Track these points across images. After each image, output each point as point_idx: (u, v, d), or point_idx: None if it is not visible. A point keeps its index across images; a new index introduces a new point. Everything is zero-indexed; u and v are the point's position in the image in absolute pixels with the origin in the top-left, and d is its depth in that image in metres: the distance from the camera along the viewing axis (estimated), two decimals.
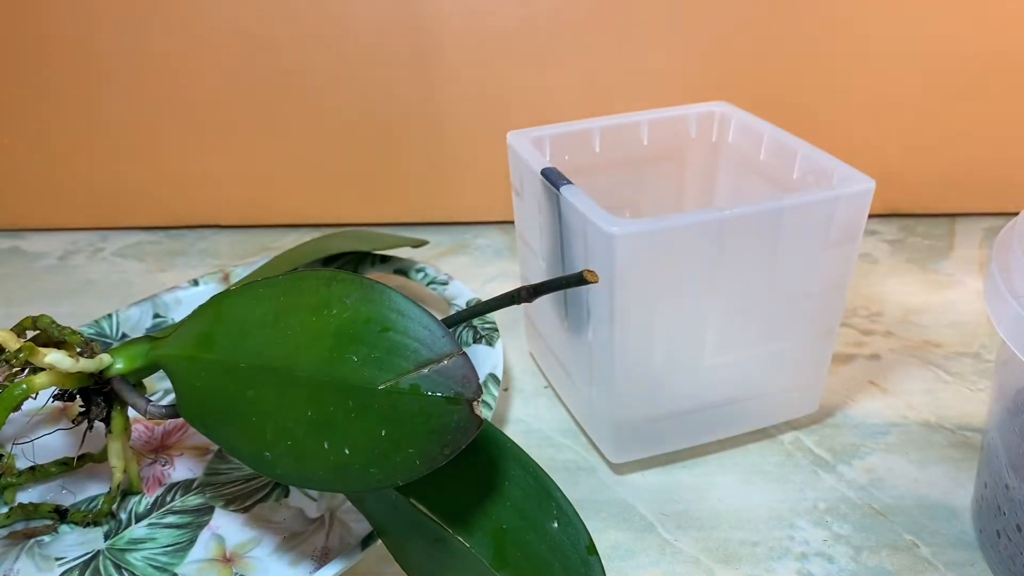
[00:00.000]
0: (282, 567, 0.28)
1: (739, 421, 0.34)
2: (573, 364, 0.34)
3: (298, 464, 0.22)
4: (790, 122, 0.36)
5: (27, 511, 0.30)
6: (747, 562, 0.29)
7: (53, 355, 0.26)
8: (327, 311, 0.23)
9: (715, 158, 0.38)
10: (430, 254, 0.51)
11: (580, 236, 0.29)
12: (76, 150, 0.52)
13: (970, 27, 0.46)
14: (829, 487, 0.32)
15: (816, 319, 0.32)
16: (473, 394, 0.21)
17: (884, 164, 0.50)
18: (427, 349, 0.22)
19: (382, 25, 0.48)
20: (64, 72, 0.50)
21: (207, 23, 0.48)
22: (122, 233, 0.55)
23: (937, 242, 0.50)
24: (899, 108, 0.49)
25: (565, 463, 0.34)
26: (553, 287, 0.26)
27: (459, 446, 0.21)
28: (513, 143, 0.34)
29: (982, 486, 0.29)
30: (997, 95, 0.48)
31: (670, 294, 0.29)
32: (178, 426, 0.35)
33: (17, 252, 0.54)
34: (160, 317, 0.40)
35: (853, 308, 0.43)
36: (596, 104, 0.49)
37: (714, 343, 0.31)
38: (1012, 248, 0.26)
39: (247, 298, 0.25)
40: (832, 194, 0.29)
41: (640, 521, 0.31)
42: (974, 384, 0.38)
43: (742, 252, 0.29)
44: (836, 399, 0.37)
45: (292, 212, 0.54)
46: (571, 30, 0.47)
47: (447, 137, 0.51)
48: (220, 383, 0.24)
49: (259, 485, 0.32)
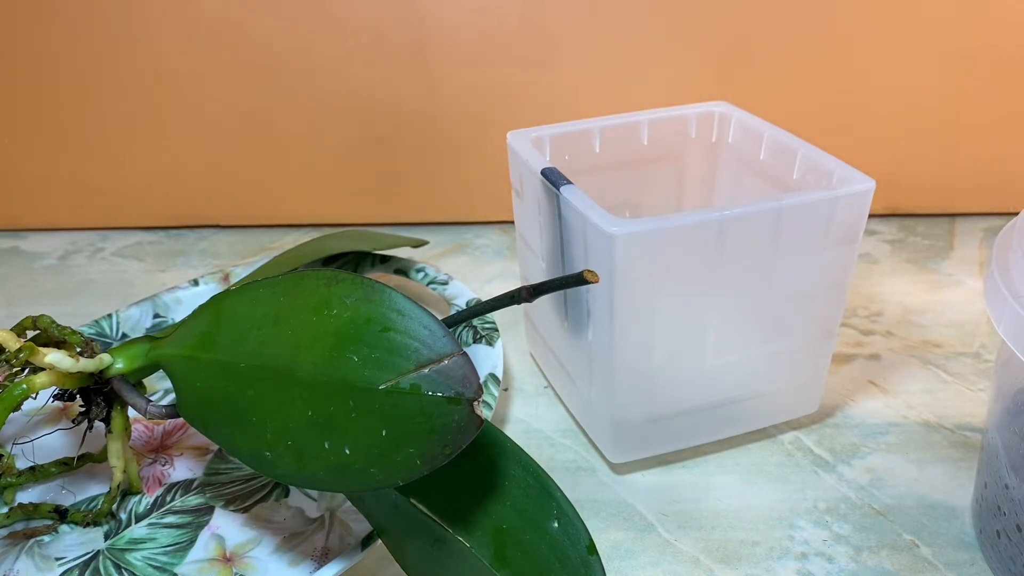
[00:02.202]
0: (282, 567, 0.28)
1: (739, 421, 0.34)
2: (573, 364, 0.34)
3: (298, 464, 0.22)
4: (790, 122, 0.36)
5: (27, 511, 0.30)
6: (747, 562, 0.29)
7: (53, 355, 0.26)
8: (327, 311, 0.23)
9: (715, 158, 0.38)
10: (430, 254, 0.51)
11: (580, 236, 0.29)
12: (76, 150, 0.52)
13: (970, 27, 0.46)
14: (829, 487, 0.32)
15: (816, 319, 0.32)
16: (474, 394, 0.21)
17: (884, 164, 0.50)
18: (428, 349, 0.22)
19: (382, 25, 0.48)
20: (64, 72, 0.50)
21: (207, 23, 0.48)
22: (122, 233, 0.55)
23: (937, 242, 0.50)
24: (899, 108, 0.49)
25: (565, 463, 0.34)
26: (554, 287, 0.26)
27: (460, 446, 0.21)
28: (513, 143, 0.34)
29: (982, 486, 0.29)
30: (997, 95, 0.48)
31: (670, 294, 0.29)
32: (178, 426, 0.35)
33: (17, 252, 0.54)
34: (160, 317, 0.40)
35: (853, 308, 0.43)
36: (596, 104, 0.49)
37: (714, 343, 0.31)
38: (1012, 248, 0.26)
39: (247, 298, 0.25)
40: (832, 194, 0.29)
41: (640, 521, 0.31)
42: (974, 384, 0.38)
43: (742, 252, 0.29)
44: (836, 399, 0.37)
45: (292, 212, 0.54)
46: (571, 30, 0.47)
47: (447, 137, 0.51)
48: (220, 383, 0.24)
49: (259, 485, 0.32)
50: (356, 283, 0.23)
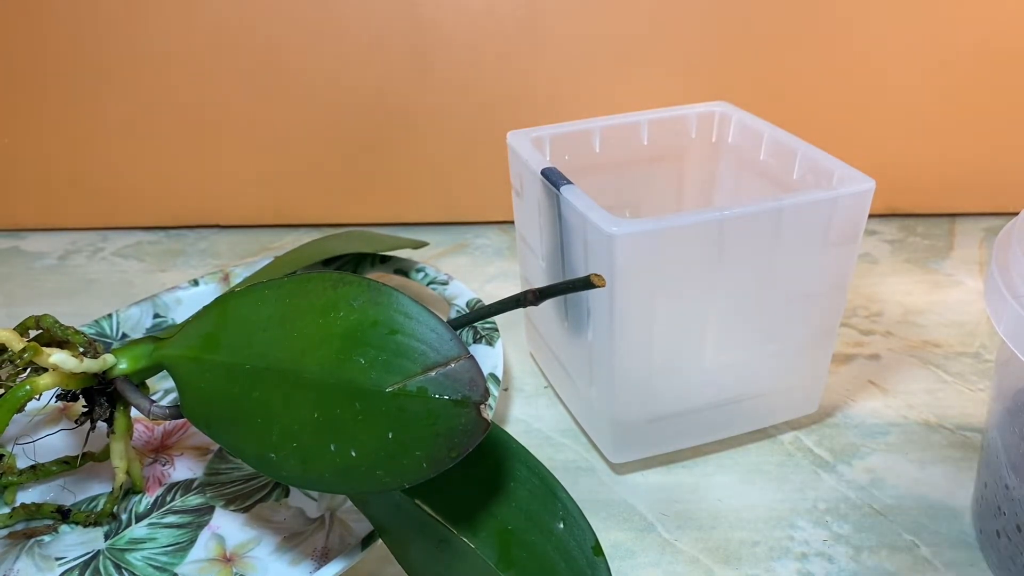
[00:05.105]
0: (282, 567, 0.28)
1: (739, 421, 0.34)
2: (573, 364, 0.34)
3: (304, 466, 0.22)
4: (790, 122, 0.36)
5: (29, 511, 0.30)
6: (747, 562, 0.29)
7: (57, 355, 0.26)
8: (334, 313, 0.23)
9: (715, 158, 0.38)
10: (430, 254, 0.51)
11: (580, 236, 0.29)
12: (76, 150, 0.52)
13: (970, 27, 0.46)
14: (829, 487, 0.32)
15: (816, 319, 0.32)
16: (480, 397, 0.21)
17: (884, 164, 0.50)
18: (434, 352, 0.22)
19: (382, 25, 0.48)
20: (64, 72, 0.50)
21: (207, 23, 0.48)
22: (122, 233, 0.55)
23: (937, 242, 0.50)
24: (899, 108, 0.49)
25: (565, 463, 0.34)
26: (560, 291, 0.26)
27: (466, 449, 0.21)
28: (513, 143, 0.34)
29: (982, 486, 0.29)
30: (997, 95, 0.48)
31: (670, 294, 0.29)
32: (178, 426, 0.35)
33: (17, 252, 0.53)
34: (160, 317, 0.40)
35: (853, 308, 0.44)
36: (596, 104, 0.49)
37: (714, 343, 0.31)
38: (1012, 248, 0.26)
39: (252, 300, 0.25)
40: (832, 194, 0.29)
41: (640, 521, 0.31)
42: (974, 384, 0.38)
43: (742, 252, 0.29)
44: (836, 399, 0.37)
45: (292, 212, 0.54)
46: (571, 30, 0.47)
47: (447, 137, 0.51)
48: (225, 384, 0.24)
49: (259, 485, 0.32)
50: (363, 285, 0.23)
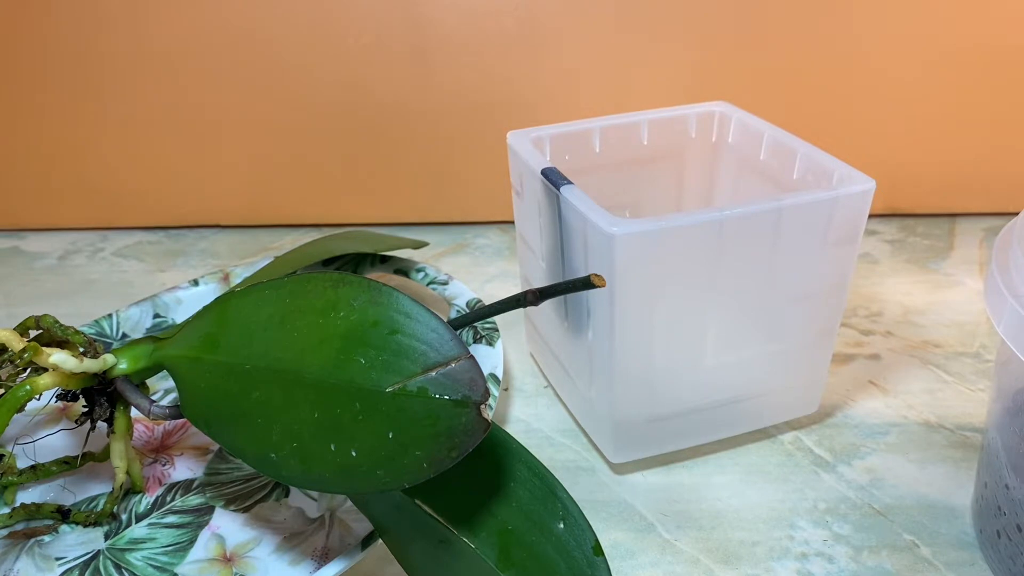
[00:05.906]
0: (282, 567, 0.28)
1: (739, 421, 0.34)
2: (573, 364, 0.34)
3: (304, 466, 0.22)
4: (790, 122, 0.36)
5: (30, 511, 0.30)
6: (747, 562, 0.29)
7: (58, 355, 0.26)
8: (335, 313, 0.23)
9: (715, 158, 0.38)
10: (430, 254, 0.51)
11: (580, 236, 0.29)
12: (76, 150, 0.52)
13: (971, 27, 0.46)
14: (829, 487, 0.32)
15: (816, 319, 0.32)
16: (480, 397, 0.21)
17: (884, 164, 0.50)
18: (435, 352, 0.22)
19: (382, 25, 0.48)
20: (64, 72, 0.50)
21: (207, 23, 0.48)
22: (122, 233, 0.55)
23: (937, 242, 0.50)
24: (899, 108, 0.49)
25: (565, 463, 0.34)
26: (560, 291, 0.27)
27: (466, 449, 0.21)
28: (513, 143, 0.34)
29: (982, 486, 0.29)
30: (997, 95, 0.48)
31: (670, 294, 0.29)
32: (178, 426, 0.35)
33: (17, 252, 0.53)
34: (160, 317, 0.40)
35: (853, 308, 0.44)
36: (596, 104, 0.49)
37: (714, 343, 0.31)
38: (1012, 248, 0.26)
39: (253, 300, 0.25)
40: (832, 194, 0.29)
41: (640, 521, 0.31)
42: (974, 384, 0.38)
43: (742, 252, 0.29)
44: (836, 399, 0.37)
45: (292, 212, 0.54)
46: (571, 30, 0.47)
47: (447, 137, 0.51)
48: (225, 384, 0.24)
49: (259, 485, 0.32)
50: (363, 286, 0.23)
